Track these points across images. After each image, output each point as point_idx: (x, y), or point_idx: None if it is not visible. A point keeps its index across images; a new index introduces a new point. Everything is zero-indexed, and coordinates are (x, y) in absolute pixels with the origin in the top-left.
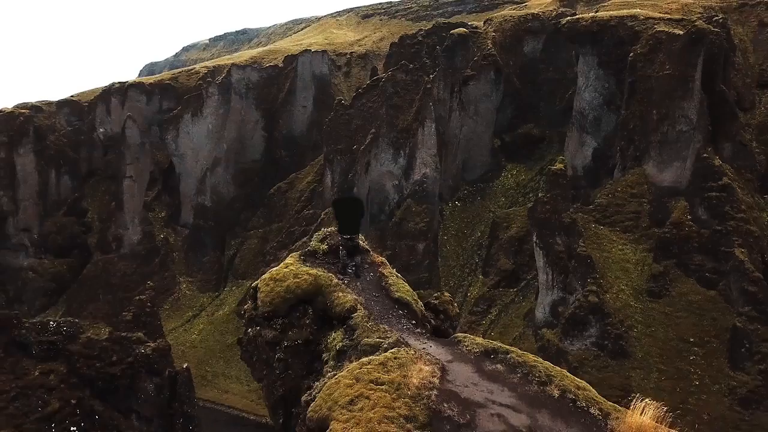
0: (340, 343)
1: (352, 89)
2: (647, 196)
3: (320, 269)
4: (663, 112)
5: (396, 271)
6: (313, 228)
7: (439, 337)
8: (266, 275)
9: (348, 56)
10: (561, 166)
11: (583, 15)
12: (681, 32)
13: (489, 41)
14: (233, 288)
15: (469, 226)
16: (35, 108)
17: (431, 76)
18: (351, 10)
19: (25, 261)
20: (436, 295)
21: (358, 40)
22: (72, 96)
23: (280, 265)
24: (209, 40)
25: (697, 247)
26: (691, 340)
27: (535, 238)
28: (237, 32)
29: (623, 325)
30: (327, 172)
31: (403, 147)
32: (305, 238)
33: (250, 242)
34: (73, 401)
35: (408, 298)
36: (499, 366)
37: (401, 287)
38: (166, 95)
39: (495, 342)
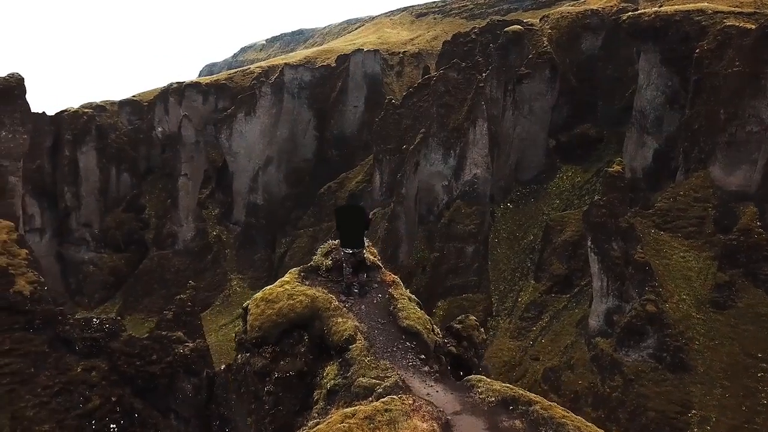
0: (333, 381)
1: (404, 89)
2: (712, 201)
3: (320, 289)
4: (731, 111)
5: (445, 271)
6: None
7: (460, 367)
8: (258, 294)
9: (401, 55)
10: (619, 167)
11: (645, 10)
12: (753, 26)
13: (545, 38)
14: None
15: (521, 228)
16: (99, 108)
17: (484, 74)
18: (405, 9)
19: (86, 255)
20: (459, 318)
21: (412, 39)
22: (134, 96)
23: (275, 283)
24: (266, 40)
25: (767, 256)
26: (759, 355)
27: (590, 243)
28: (293, 33)
29: (684, 336)
30: (376, 171)
31: (454, 147)
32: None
33: (300, 241)
34: (113, 399)
35: (418, 327)
36: (517, 422)
37: (412, 313)
38: (222, 95)
39: (516, 388)
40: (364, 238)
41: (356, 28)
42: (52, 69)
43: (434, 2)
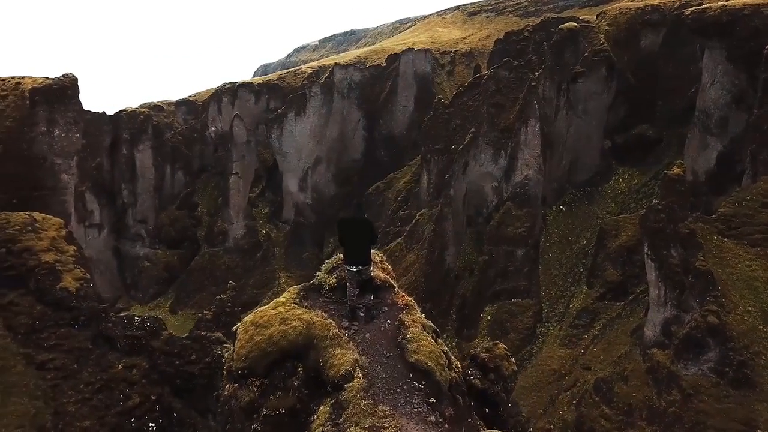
0: (321, 428)
1: (455, 88)
2: None
3: (318, 312)
4: None
5: (494, 275)
6: (407, 230)
7: (486, 404)
8: (248, 318)
9: (452, 54)
10: (680, 170)
11: (710, 4)
12: None
13: (601, 36)
14: None
15: (574, 232)
16: (157, 107)
17: (537, 73)
18: (457, 7)
19: (142, 250)
20: (486, 346)
21: (464, 37)
22: (190, 96)
23: (270, 304)
24: (319, 41)
25: None
26: None
27: (646, 249)
28: (345, 33)
29: (748, 351)
30: (423, 172)
31: (505, 147)
32: (399, 239)
33: None
34: (153, 397)
35: (429, 363)
36: None
37: (423, 346)
38: (273, 95)
39: None
40: (373, 253)
41: (408, 28)
42: (117, 70)
43: (487, 0)
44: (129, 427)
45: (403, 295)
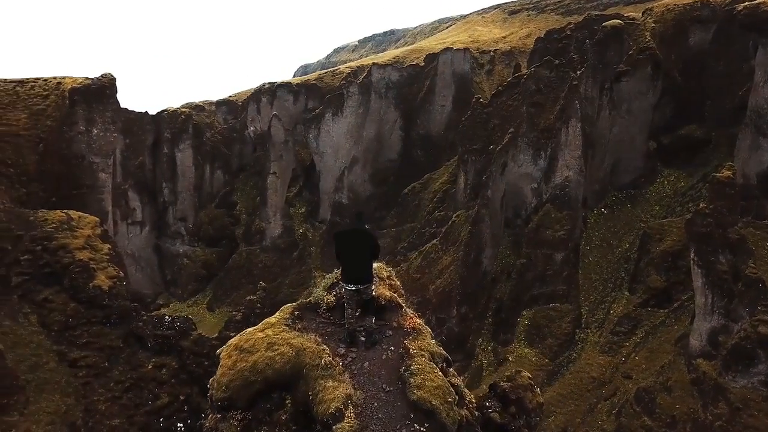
0: None
1: (494, 88)
2: None
3: (312, 337)
4: None
5: (532, 279)
6: (443, 231)
7: None
8: (233, 340)
9: (491, 54)
10: (729, 173)
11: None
12: None
13: (647, 33)
14: None
15: (616, 236)
16: (198, 107)
17: (579, 72)
18: (498, 6)
19: (181, 248)
20: (508, 374)
21: (504, 36)
22: (230, 96)
23: (259, 325)
24: (358, 41)
25: None
26: None
27: (693, 255)
28: (384, 33)
29: None
30: (460, 172)
31: (544, 148)
32: (435, 240)
33: (382, 241)
34: (181, 397)
35: (434, 402)
36: None
37: (429, 380)
38: (312, 95)
39: None
40: (379, 267)
41: (447, 27)
42: (165, 71)
43: None
44: (157, 426)
45: (411, 317)
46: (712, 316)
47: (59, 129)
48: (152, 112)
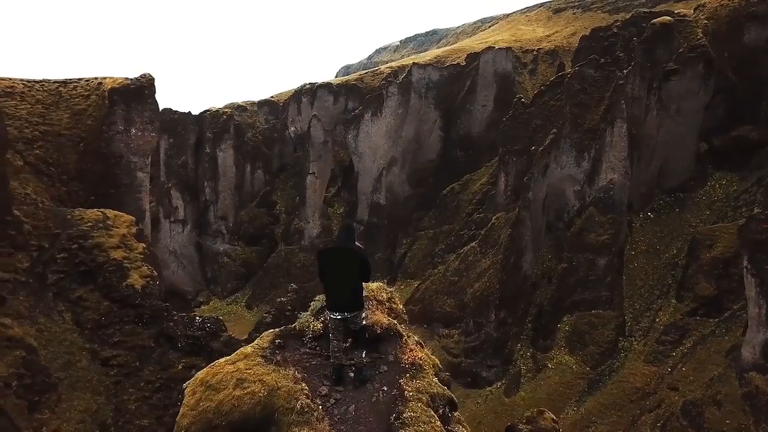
0: None
1: (537, 88)
2: None
3: (290, 372)
4: None
5: (574, 284)
6: (482, 233)
7: None
8: (200, 374)
9: (534, 53)
10: None
11: None
12: None
13: (699, 30)
14: (401, 287)
15: (663, 241)
16: (240, 107)
17: (625, 71)
18: (542, 4)
19: (222, 247)
20: (529, 415)
21: (548, 35)
22: (272, 96)
23: (233, 355)
24: (400, 41)
25: None
26: None
27: (746, 263)
28: (426, 33)
29: None
30: (501, 174)
31: (588, 149)
32: (473, 243)
33: (420, 242)
34: None
35: None
36: None
37: None
38: (352, 95)
39: None
40: (378, 288)
41: (490, 27)
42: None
43: None
44: None
45: (412, 349)
46: (767, 328)
47: (99, 128)
48: (196, 112)
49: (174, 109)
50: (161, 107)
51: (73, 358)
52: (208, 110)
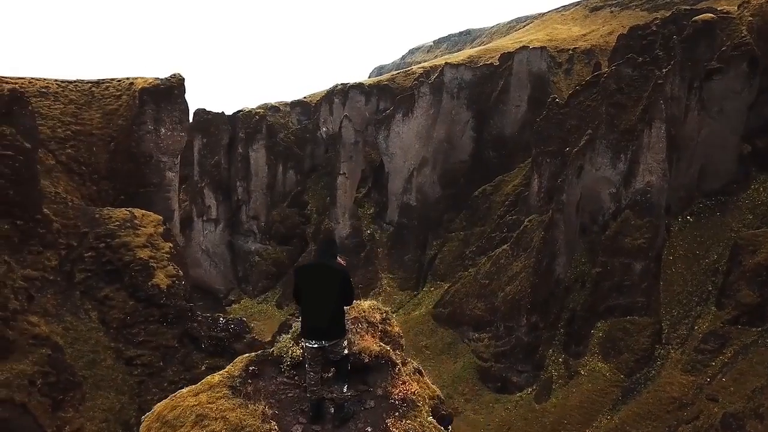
0: None
1: (573, 88)
2: None
3: (260, 406)
4: None
5: (608, 289)
6: (515, 236)
7: None
8: (158, 407)
9: (570, 52)
10: None
11: None
12: None
13: (743, 27)
14: (431, 289)
15: (702, 246)
16: (273, 108)
17: (664, 70)
18: (578, 3)
19: (253, 246)
20: None
21: (584, 34)
22: (304, 96)
23: (198, 384)
24: (433, 42)
25: None
26: None
27: None
28: (460, 33)
29: None
30: (534, 175)
31: (625, 150)
32: (505, 245)
33: (451, 244)
34: None
35: None
36: None
37: None
38: (383, 96)
39: None
40: (371, 308)
41: (524, 26)
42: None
43: None
44: None
45: (405, 382)
46: None
47: (129, 128)
48: (230, 112)
49: (208, 109)
50: (195, 107)
51: (98, 356)
52: (241, 110)
